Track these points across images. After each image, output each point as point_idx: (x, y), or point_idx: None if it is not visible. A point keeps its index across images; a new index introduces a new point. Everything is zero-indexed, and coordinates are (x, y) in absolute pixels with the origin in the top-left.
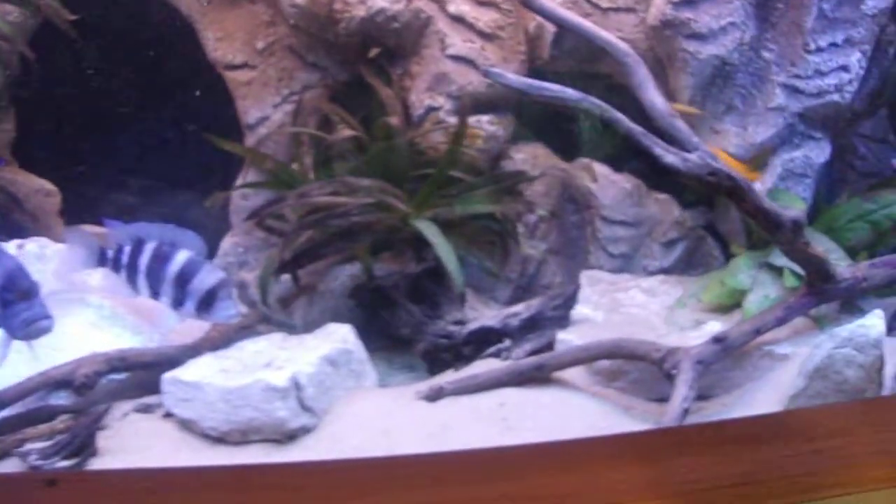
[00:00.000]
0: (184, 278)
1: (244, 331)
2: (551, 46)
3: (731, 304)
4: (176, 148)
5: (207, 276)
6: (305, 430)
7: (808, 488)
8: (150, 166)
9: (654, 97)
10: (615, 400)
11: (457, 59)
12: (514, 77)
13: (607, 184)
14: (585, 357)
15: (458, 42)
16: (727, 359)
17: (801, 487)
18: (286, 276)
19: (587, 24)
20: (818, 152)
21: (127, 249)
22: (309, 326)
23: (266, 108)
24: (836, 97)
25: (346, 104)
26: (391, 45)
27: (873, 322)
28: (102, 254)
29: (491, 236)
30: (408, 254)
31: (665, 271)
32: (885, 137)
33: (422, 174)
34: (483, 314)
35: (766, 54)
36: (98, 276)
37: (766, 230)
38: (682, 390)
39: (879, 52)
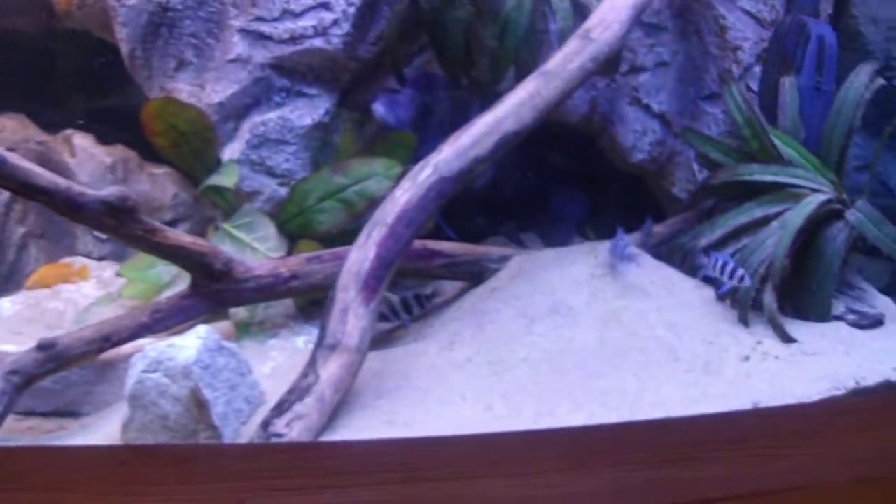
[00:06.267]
0: None
1: None
2: None
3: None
4: None
5: None
6: None
7: None
8: None
9: None
10: None
11: None
12: None
13: (86, 157)
14: None
15: None
16: (81, 370)
17: None
18: None
19: None
20: (303, 112)
21: None
22: None
23: None
24: (318, 42)
25: None
26: None
27: (185, 343)
28: None
29: None
30: None
31: None
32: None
33: None
34: None
35: None
36: None
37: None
38: None
39: None
